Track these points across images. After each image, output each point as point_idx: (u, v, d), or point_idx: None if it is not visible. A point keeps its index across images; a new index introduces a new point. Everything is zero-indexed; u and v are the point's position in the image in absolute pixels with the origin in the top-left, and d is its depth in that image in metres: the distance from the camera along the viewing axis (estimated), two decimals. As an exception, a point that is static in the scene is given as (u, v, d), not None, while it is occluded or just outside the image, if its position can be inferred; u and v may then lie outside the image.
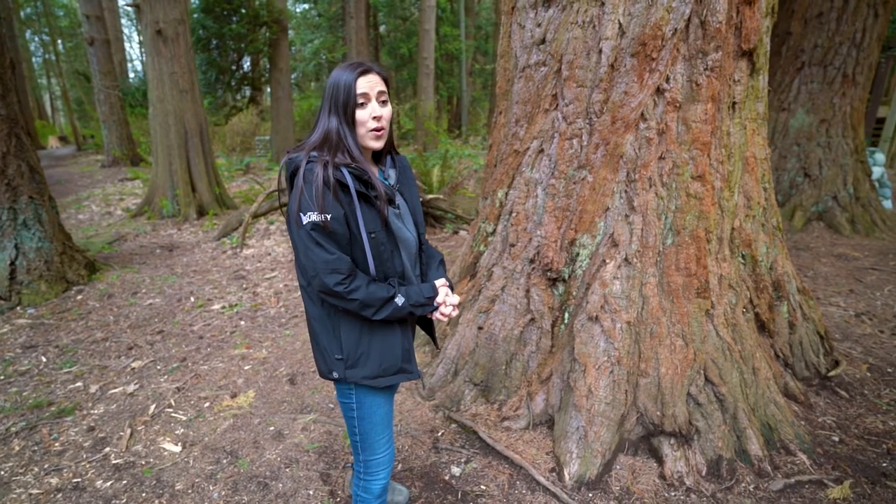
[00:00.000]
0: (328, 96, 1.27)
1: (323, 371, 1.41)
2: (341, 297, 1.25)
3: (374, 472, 1.51)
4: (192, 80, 7.40)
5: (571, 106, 2.24)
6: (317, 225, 1.20)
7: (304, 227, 1.21)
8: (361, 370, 1.35)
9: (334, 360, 1.36)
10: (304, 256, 1.24)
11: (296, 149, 1.31)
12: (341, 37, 17.01)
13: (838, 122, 6.36)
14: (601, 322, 2.14)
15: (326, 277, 1.22)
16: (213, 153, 8.14)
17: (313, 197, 1.19)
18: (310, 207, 1.20)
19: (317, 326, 1.38)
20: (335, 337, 1.35)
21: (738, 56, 2.15)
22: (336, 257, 1.23)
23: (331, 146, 1.26)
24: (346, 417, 1.47)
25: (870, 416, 2.57)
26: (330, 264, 1.22)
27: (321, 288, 1.25)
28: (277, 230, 6.52)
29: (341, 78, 1.26)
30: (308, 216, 1.20)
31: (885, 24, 6.30)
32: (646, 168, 2.13)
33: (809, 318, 2.64)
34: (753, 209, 2.37)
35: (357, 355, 1.34)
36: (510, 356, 2.39)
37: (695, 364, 2.12)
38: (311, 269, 1.23)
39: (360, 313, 1.29)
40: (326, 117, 1.28)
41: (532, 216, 2.38)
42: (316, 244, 1.21)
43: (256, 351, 3.39)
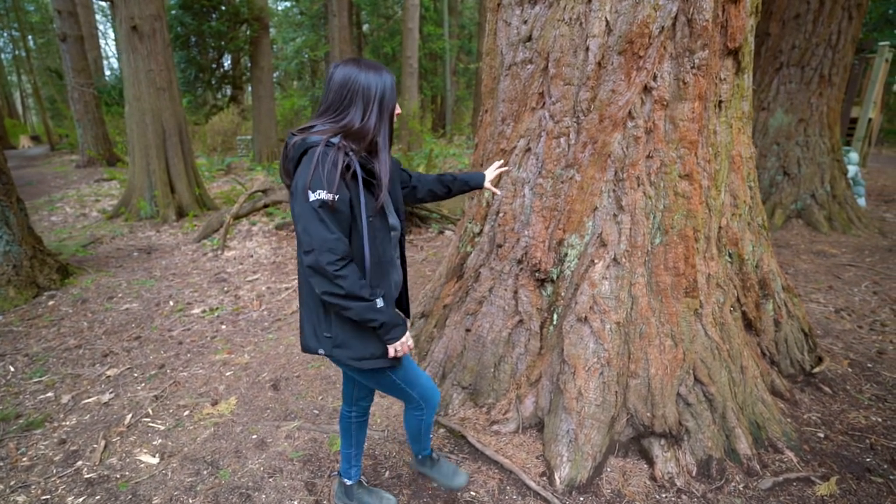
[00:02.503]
0: (373, 96, 1.37)
1: (310, 346, 1.48)
2: (328, 278, 1.31)
3: (430, 395, 1.70)
4: (170, 78, 7.21)
5: (559, 104, 2.21)
6: (325, 203, 1.28)
7: (311, 202, 1.27)
8: (348, 351, 1.43)
9: (323, 338, 1.44)
10: (303, 231, 1.30)
11: (307, 129, 1.39)
12: (324, 35, 16.80)
13: (816, 122, 6.49)
14: (590, 323, 2.12)
15: (321, 255, 1.28)
16: (192, 153, 7.95)
17: (326, 177, 1.27)
18: (320, 186, 1.27)
19: (311, 302, 1.44)
20: (327, 315, 1.41)
21: (724, 55, 2.15)
22: (336, 237, 1.30)
23: (354, 137, 1.36)
24: (381, 385, 1.57)
25: (853, 412, 2.60)
26: (328, 243, 1.29)
27: (313, 264, 1.30)
28: (260, 231, 6.39)
29: (387, 81, 1.39)
30: (317, 193, 1.27)
31: (859, 27, 6.45)
32: (634, 167, 2.11)
33: (794, 316, 2.66)
34: (740, 208, 2.38)
35: (345, 337, 1.41)
36: (499, 358, 2.35)
37: (684, 364, 2.11)
38: (308, 244, 1.29)
39: (335, 302, 1.34)
40: (362, 113, 1.37)
41: (519, 216, 2.35)
42: (319, 220, 1.28)
43: (238, 356, 3.30)
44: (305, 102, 19.08)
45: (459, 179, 1.87)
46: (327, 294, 1.33)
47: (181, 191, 7.45)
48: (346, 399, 1.86)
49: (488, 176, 1.96)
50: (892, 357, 3.25)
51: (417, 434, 1.85)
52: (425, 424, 1.81)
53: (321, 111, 1.41)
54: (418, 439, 1.88)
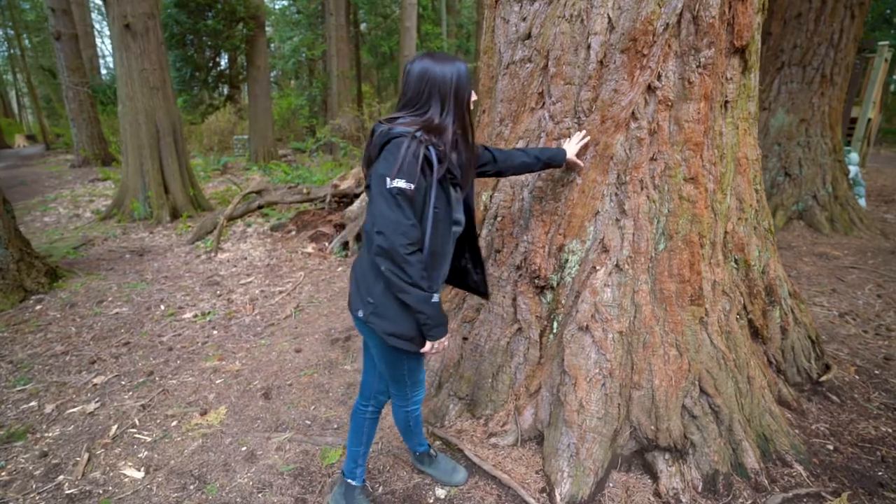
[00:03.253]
0: (449, 89, 1.46)
1: (354, 306, 1.58)
2: (396, 261, 1.39)
3: (420, 389, 1.79)
4: (164, 77, 7.11)
5: (559, 104, 2.13)
6: (402, 191, 1.37)
7: (390, 188, 1.37)
8: (383, 323, 1.51)
9: (366, 301, 1.53)
10: (379, 213, 1.39)
11: (393, 120, 1.48)
12: (321, 34, 16.70)
13: (817, 122, 6.42)
14: (592, 332, 2.03)
15: (395, 237, 1.37)
16: (187, 153, 7.85)
17: (406, 168, 1.37)
18: (401, 175, 1.37)
19: (367, 269, 1.54)
20: (375, 284, 1.51)
21: (731, 53, 2.07)
22: (411, 223, 1.40)
23: (436, 132, 1.45)
24: (389, 362, 1.64)
25: (862, 422, 2.52)
26: (402, 227, 1.38)
27: (384, 244, 1.38)
28: (255, 233, 6.30)
29: (461, 71, 1.47)
30: (398, 181, 1.36)
31: (861, 25, 6.38)
32: (637, 170, 2.03)
33: (801, 323, 2.58)
34: (746, 212, 2.30)
35: (386, 308, 1.49)
36: (497, 368, 2.27)
37: (689, 375, 2.03)
38: (382, 225, 1.38)
39: (398, 283, 1.42)
40: (441, 107, 1.46)
41: (518, 220, 2.27)
42: (397, 206, 1.38)
43: (229, 363, 3.21)
44: (303, 102, 18.97)
45: (542, 161, 1.93)
46: (392, 274, 1.42)
47: (175, 191, 7.35)
48: (365, 392, 1.87)
49: (570, 151, 2.01)
50: (898, 363, 3.18)
51: (407, 428, 1.90)
52: (413, 418, 1.86)
53: (402, 104, 1.50)
54: (410, 434, 1.93)
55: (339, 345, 3.39)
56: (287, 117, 20.20)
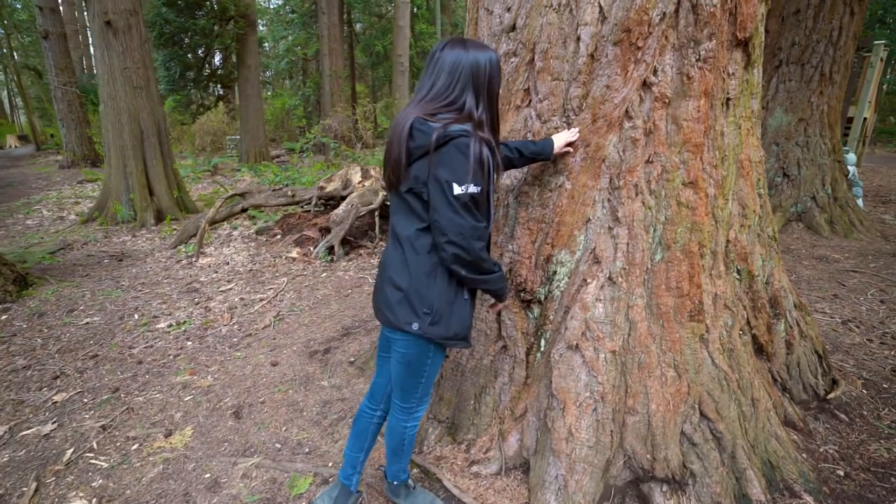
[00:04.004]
0: (482, 80, 1.37)
1: (400, 321, 1.45)
2: (477, 262, 1.37)
3: (426, 401, 1.69)
4: (148, 76, 6.91)
5: (546, 102, 1.95)
6: (472, 196, 1.32)
7: (459, 195, 1.30)
8: (441, 328, 1.44)
9: (423, 314, 1.43)
10: (449, 220, 1.31)
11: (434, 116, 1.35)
12: (314, 33, 16.49)
13: (816, 122, 6.27)
14: (582, 351, 1.86)
15: (474, 242, 1.34)
16: (172, 154, 7.65)
17: (473, 171, 1.30)
18: (470, 179, 1.30)
19: (416, 276, 1.42)
20: (430, 292, 1.42)
21: (733, 46, 1.90)
22: (485, 226, 1.37)
23: (479, 126, 1.37)
24: (409, 371, 1.55)
25: (873, 443, 2.35)
26: (478, 231, 1.34)
27: (463, 252, 1.34)
28: (240, 236, 6.11)
29: (493, 59, 1.39)
30: (466, 187, 1.30)
31: (861, 22, 6.23)
32: (631, 173, 1.86)
33: (807, 336, 2.41)
34: (749, 218, 2.12)
35: (442, 314, 1.43)
36: (480, 389, 2.09)
37: (689, 398, 1.85)
38: (456, 232, 1.32)
39: (480, 278, 1.42)
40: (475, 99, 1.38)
41: (503, 228, 2.09)
42: (469, 212, 1.32)
43: (201, 377, 3.02)
44: (297, 102, 18.78)
45: (525, 155, 1.80)
46: (475, 274, 1.40)
47: (160, 193, 7.16)
48: (375, 396, 1.78)
49: (558, 143, 1.87)
50: (907, 375, 3.02)
51: (399, 447, 1.74)
52: (409, 437, 1.73)
53: (430, 95, 1.37)
54: (399, 456, 1.78)
55: (317, 358, 3.20)
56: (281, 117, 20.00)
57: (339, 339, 3.45)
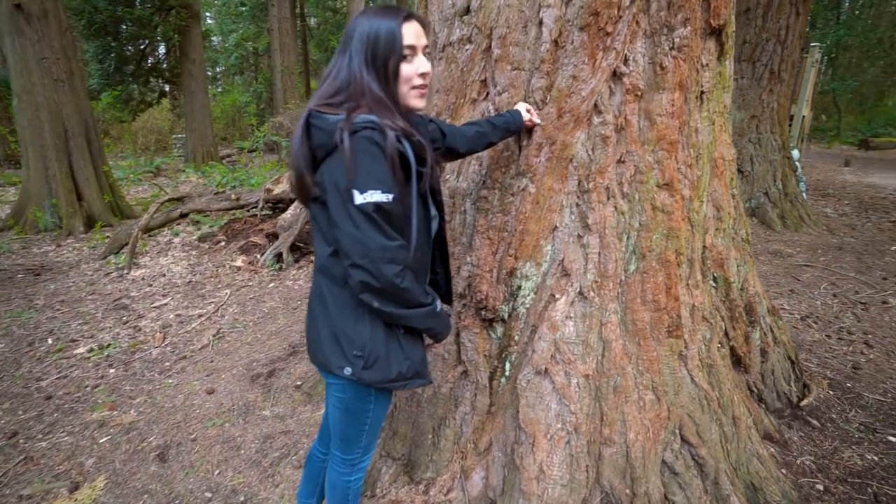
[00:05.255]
0: (362, 48, 1.09)
1: (331, 364, 1.20)
2: (391, 292, 1.10)
3: (372, 450, 1.43)
4: (72, 69, 6.25)
5: (506, 94, 1.72)
6: (379, 206, 1.04)
7: (361, 206, 1.03)
8: (378, 372, 1.19)
9: (353, 357, 1.18)
10: (350, 239, 1.06)
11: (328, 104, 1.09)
12: (266, 27, 15.75)
13: (767, 119, 6.41)
14: (552, 376, 1.64)
15: (384, 266, 1.07)
16: (104, 154, 6.99)
17: (378, 172, 1.04)
18: (373, 184, 1.03)
19: (337, 313, 1.19)
20: (358, 330, 1.17)
21: (707, 34, 1.73)
22: (398, 245, 1.09)
23: (385, 109, 1.08)
24: (349, 418, 1.30)
25: (846, 450, 2.28)
26: (389, 252, 1.07)
27: (371, 279, 1.07)
28: (181, 244, 5.60)
29: (381, 27, 1.09)
30: (370, 194, 1.03)
31: (805, 23, 6.41)
32: (602, 175, 1.65)
33: (780, 342, 2.31)
34: (724, 221, 1.98)
35: (378, 355, 1.18)
36: (438, 421, 1.85)
37: (669, 423, 1.68)
38: (361, 254, 1.06)
39: (396, 312, 1.14)
40: (376, 73, 1.09)
41: (460, 237, 1.85)
42: (376, 227, 1.05)
43: (122, 412, 2.63)
44: (248, 98, 17.92)
45: (499, 128, 1.55)
46: (389, 306, 1.13)
47: (90, 198, 6.50)
48: (324, 437, 1.54)
49: (522, 107, 1.64)
50: (867, 373, 3.01)
51: None
52: (354, 491, 1.46)
53: (328, 78, 1.13)
54: None
55: (259, 383, 2.86)
56: (231, 115, 19.06)
57: (285, 359, 3.12)
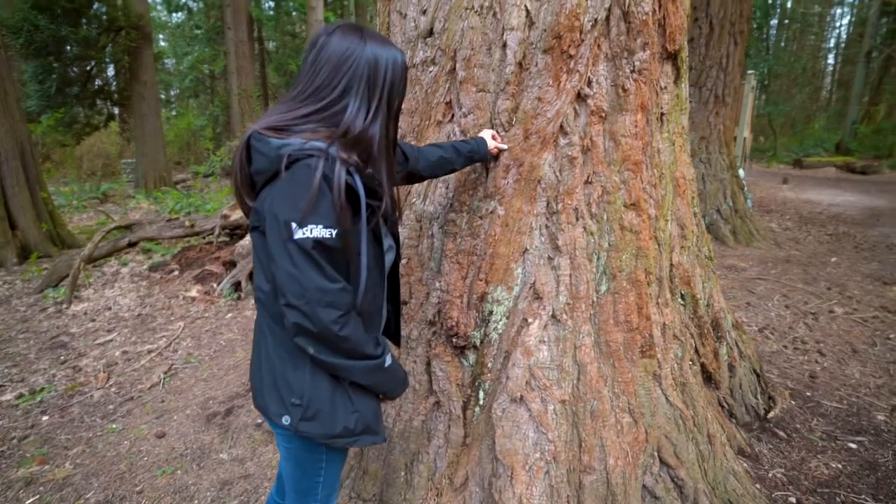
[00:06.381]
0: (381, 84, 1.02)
1: (271, 411, 1.09)
2: (328, 339, 0.99)
3: (332, 502, 1.27)
4: (6, 88, 5.87)
5: (471, 116, 1.70)
6: (319, 242, 0.95)
7: (299, 241, 0.95)
8: (320, 425, 1.06)
9: (291, 405, 1.06)
10: (288, 277, 0.96)
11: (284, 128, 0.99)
12: (222, 50, 15.49)
13: (715, 140, 6.77)
14: (528, 404, 1.59)
15: (321, 310, 0.96)
16: (43, 180, 6.56)
17: (323, 206, 0.95)
18: (315, 219, 0.95)
19: (276, 354, 1.08)
20: (298, 376, 1.06)
21: (664, 58, 1.78)
22: (339, 288, 0.99)
23: (352, 144, 1.00)
24: (301, 471, 1.18)
25: (812, 460, 2.33)
26: (328, 295, 0.97)
27: (305, 322, 0.97)
28: (129, 274, 5.25)
29: (392, 59, 1.04)
30: (309, 229, 0.94)
31: (743, 52, 6.90)
32: (570, 196, 1.64)
33: (745, 356, 2.36)
34: (688, 239, 2.01)
35: (320, 406, 1.06)
36: (411, 456, 1.74)
37: (647, 446, 1.65)
38: (297, 295, 0.96)
39: (334, 363, 1.02)
40: (367, 109, 1.02)
41: (428, 263, 1.79)
42: (314, 266, 0.96)
43: (55, 466, 2.36)
44: (204, 122, 17.46)
45: (463, 154, 1.52)
46: (326, 355, 1.01)
47: (25, 227, 6.04)
48: (282, 485, 1.38)
49: (487, 135, 1.62)
50: (823, 381, 3.13)
51: None
52: None
53: (302, 95, 1.02)
54: None
55: (216, 423, 2.66)
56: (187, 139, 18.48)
57: (244, 396, 2.92)
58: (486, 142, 1.59)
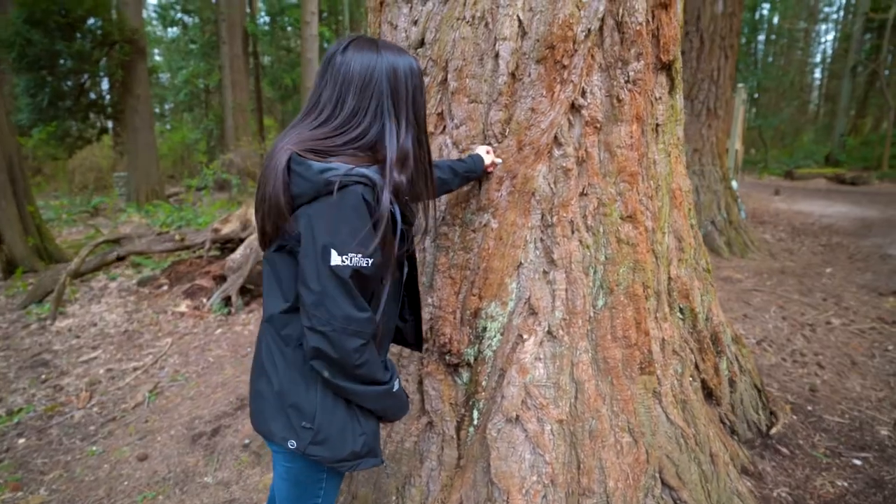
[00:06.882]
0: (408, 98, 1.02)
1: (277, 435, 1.05)
2: (346, 365, 0.98)
3: None
4: (-6, 102, 5.81)
5: (463, 127, 1.66)
6: (357, 271, 0.94)
7: (337, 268, 0.93)
8: (329, 449, 1.04)
9: (301, 428, 1.04)
10: (317, 302, 0.94)
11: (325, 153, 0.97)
12: (217, 64, 15.55)
13: (708, 152, 6.81)
14: (524, 424, 1.52)
15: (345, 339, 0.95)
16: (31, 194, 6.47)
17: (364, 234, 0.93)
18: (354, 247, 0.93)
19: (286, 376, 1.05)
20: (308, 399, 1.04)
21: (658, 69, 1.76)
22: (367, 317, 0.98)
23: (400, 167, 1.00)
24: (298, 493, 1.14)
25: (817, 477, 2.27)
26: (354, 324, 0.96)
27: (329, 346, 0.95)
28: (117, 289, 5.15)
29: (411, 65, 1.03)
30: (349, 257, 0.93)
31: (734, 65, 6.98)
32: (565, 208, 1.60)
33: (746, 371, 2.31)
34: (686, 251, 1.97)
35: (331, 429, 1.04)
36: (403, 480, 1.67)
37: (648, 467, 1.58)
38: (324, 321, 0.94)
39: (346, 387, 1.01)
40: (397, 126, 1.00)
41: (420, 277, 1.73)
42: (347, 294, 0.94)
43: (30, 492, 2.25)
44: (198, 135, 17.44)
45: (460, 174, 1.49)
46: (340, 380, 1.00)
47: (12, 241, 5.93)
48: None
49: (482, 150, 1.59)
50: (824, 394, 3.08)
51: None
52: None
53: (338, 122, 0.98)
54: None
55: (201, 443, 2.56)
56: (180, 152, 18.45)
57: (231, 414, 2.83)
58: (482, 159, 1.56)
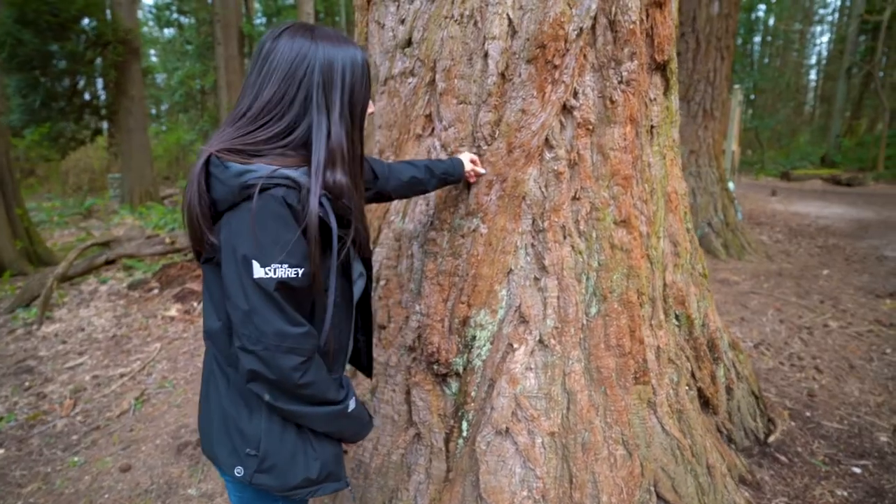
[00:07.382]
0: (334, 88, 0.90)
1: (223, 462, 0.98)
2: (287, 388, 0.89)
3: None
4: (-17, 104, 5.72)
5: (452, 129, 1.61)
6: (284, 283, 0.85)
7: (260, 281, 0.84)
8: (277, 477, 0.95)
9: (245, 455, 0.95)
10: (244, 319, 0.85)
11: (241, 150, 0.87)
12: (212, 65, 15.47)
13: (704, 153, 6.78)
14: (514, 437, 1.47)
15: (280, 357, 0.86)
16: (20, 195, 6.39)
17: (288, 241, 0.84)
18: (278, 257, 0.83)
19: (229, 398, 0.97)
20: (252, 424, 0.95)
21: (652, 69, 1.71)
22: (301, 333, 0.88)
23: (332, 166, 0.90)
24: None
25: (816, 487, 2.22)
26: (288, 340, 0.86)
27: (265, 368, 0.86)
28: (107, 293, 5.08)
29: (353, 57, 0.93)
30: (273, 269, 0.83)
31: (730, 67, 6.96)
32: (557, 213, 1.55)
33: (743, 377, 2.26)
34: (681, 256, 1.92)
35: (277, 456, 0.95)
36: (389, 494, 1.61)
37: (643, 480, 1.53)
38: (253, 340, 0.85)
39: (292, 410, 0.92)
40: (327, 120, 0.89)
41: (407, 284, 1.68)
42: (275, 308, 0.85)
43: (8, 504, 2.19)
44: (193, 136, 17.35)
45: (436, 175, 1.42)
46: (284, 402, 0.91)
47: (0, 244, 5.85)
48: None
49: (466, 157, 1.53)
50: (822, 399, 3.03)
51: None
52: None
53: (257, 112, 0.88)
54: None
55: (187, 454, 2.50)
56: (176, 153, 18.35)
57: (218, 423, 2.76)
58: (462, 163, 1.50)
